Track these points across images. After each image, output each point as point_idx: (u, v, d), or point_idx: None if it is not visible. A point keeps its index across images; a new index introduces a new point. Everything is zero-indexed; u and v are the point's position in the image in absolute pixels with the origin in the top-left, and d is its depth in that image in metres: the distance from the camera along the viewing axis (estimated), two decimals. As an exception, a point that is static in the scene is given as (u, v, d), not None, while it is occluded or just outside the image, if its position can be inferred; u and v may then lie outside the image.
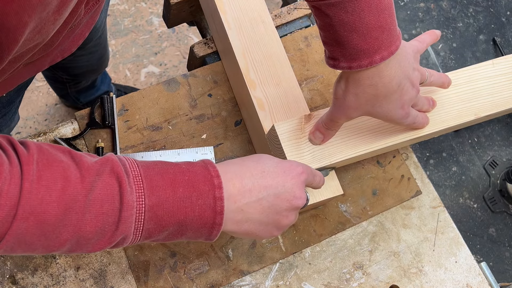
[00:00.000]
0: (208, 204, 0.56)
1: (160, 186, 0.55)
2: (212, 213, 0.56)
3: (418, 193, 0.88)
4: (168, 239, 0.58)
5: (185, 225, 0.56)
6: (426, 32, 0.77)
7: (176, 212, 0.55)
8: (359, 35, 0.61)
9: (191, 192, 0.55)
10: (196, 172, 0.57)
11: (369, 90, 0.65)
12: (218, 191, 0.56)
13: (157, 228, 0.55)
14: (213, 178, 0.57)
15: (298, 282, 0.80)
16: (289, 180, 0.61)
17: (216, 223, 0.57)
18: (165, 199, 0.54)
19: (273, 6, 1.96)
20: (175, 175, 0.56)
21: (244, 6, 0.87)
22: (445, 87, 0.78)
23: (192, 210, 0.55)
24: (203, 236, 0.58)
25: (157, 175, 0.55)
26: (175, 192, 0.55)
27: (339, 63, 0.64)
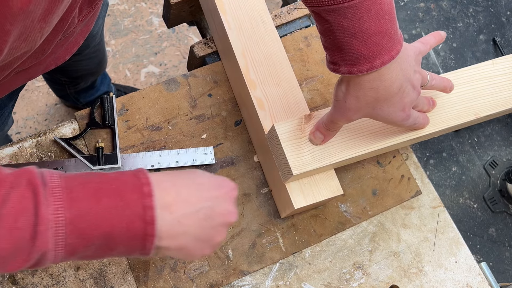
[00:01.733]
0: (137, 214, 0.52)
1: (81, 197, 0.51)
2: (142, 223, 0.52)
3: (418, 193, 0.88)
4: (98, 255, 0.54)
5: (113, 238, 0.52)
6: (431, 33, 0.76)
7: (101, 224, 0.51)
8: (359, 41, 0.61)
9: (117, 201, 0.51)
10: (125, 181, 0.53)
11: (370, 93, 0.65)
12: (148, 199, 0.52)
13: (81, 242, 0.51)
14: (142, 185, 0.53)
15: (298, 282, 0.80)
16: (223, 195, 0.59)
17: (148, 234, 0.52)
18: (87, 211, 0.50)
19: (273, 6, 1.96)
20: (99, 184, 0.52)
21: (244, 6, 0.87)
22: (447, 91, 0.77)
23: (119, 221, 0.51)
24: (137, 250, 0.54)
25: (79, 186, 0.51)
26: (98, 202, 0.51)
27: (339, 67, 0.64)
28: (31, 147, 0.80)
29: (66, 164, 0.79)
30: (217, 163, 0.84)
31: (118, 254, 0.54)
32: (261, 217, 0.82)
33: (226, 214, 0.59)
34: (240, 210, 0.82)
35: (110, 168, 0.79)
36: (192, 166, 0.83)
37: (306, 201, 0.76)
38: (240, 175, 0.84)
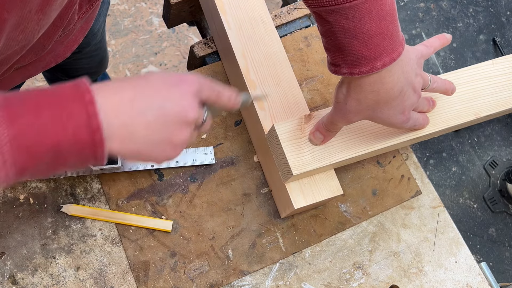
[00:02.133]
0: (81, 123, 0.50)
1: (21, 113, 0.49)
2: (89, 131, 0.50)
3: (418, 193, 0.88)
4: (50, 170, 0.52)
5: (61, 151, 0.50)
6: (436, 36, 0.76)
7: (45, 138, 0.49)
8: (360, 42, 0.61)
9: (60, 113, 0.50)
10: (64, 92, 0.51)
11: (370, 96, 0.65)
12: (91, 106, 0.50)
13: (29, 159, 0.49)
14: (83, 94, 0.51)
15: (298, 282, 0.80)
16: (176, 92, 0.56)
17: (96, 141, 0.51)
18: (29, 126, 0.48)
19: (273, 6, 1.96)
20: (38, 98, 0.50)
21: (244, 6, 0.87)
22: (449, 94, 0.77)
23: (65, 133, 0.50)
24: (89, 159, 0.52)
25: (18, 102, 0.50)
26: (39, 116, 0.49)
27: (340, 69, 0.64)
28: (31, 147, 0.80)
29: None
30: (217, 163, 0.84)
31: (72, 166, 0.53)
32: (261, 217, 0.82)
33: (180, 111, 0.55)
34: (240, 210, 0.82)
35: (110, 168, 0.79)
36: (192, 166, 0.83)
37: (306, 201, 0.76)
38: (240, 175, 0.84)
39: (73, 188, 0.79)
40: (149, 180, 0.81)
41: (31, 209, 0.77)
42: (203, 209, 0.81)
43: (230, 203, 0.82)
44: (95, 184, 0.80)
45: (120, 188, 0.80)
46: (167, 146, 0.56)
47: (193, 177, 0.83)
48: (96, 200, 0.79)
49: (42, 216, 0.77)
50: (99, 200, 0.79)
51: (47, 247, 0.76)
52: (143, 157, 0.56)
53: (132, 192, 0.80)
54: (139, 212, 0.80)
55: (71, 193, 0.79)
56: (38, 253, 0.76)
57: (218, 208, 0.82)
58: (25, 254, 0.75)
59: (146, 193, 0.81)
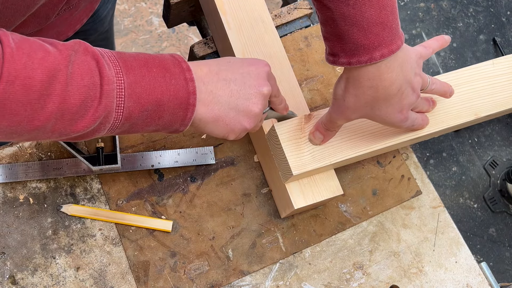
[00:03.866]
0: (181, 85, 0.58)
1: (135, 66, 0.56)
2: (186, 93, 0.58)
3: (418, 193, 0.88)
4: (146, 124, 0.59)
5: (162, 105, 0.57)
6: (434, 38, 0.76)
7: (153, 90, 0.56)
8: (360, 30, 0.61)
9: (164, 72, 0.57)
10: (165, 57, 0.59)
11: (369, 92, 0.65)
12: (188, 73, 0.59)
13: (136, 106, 0.56)
14: (180, 63, 0.59)
15: (298, 282, 0.80)
16: (254, 70, 0.65)
17: (190, 104, 0.59)
18: (142, 77, 0.56)
19: (273, 6, 1.96)
20: (146, 58, 0.58)
21: (244, 6, 0.87)
22: (447, 96, 0.77)
23: (168, 89, 0.57)
24: (178, 120, 0.60)
25: (130, 57, 0.57)
26: (149, 71, 0.57)
27: (338, 58, 0.64)
28: (31, 147, 0.80)
29: (66, 164, 0.79)
30: (217, 163, 0.84)
31: (162, 124, 0.60)
32: (261, 217, 0.82)
33: (257, 85, 0.64)
34: (240, 210, 0.82)
35: (110, 168, 0.79)
36: (192, 166, 0.83)
37: (306, 201, 0.76)
38: (240, 175, 0.84)
39: (73, 188, 0.79)
40: (149, 180, 0.81)
41: (31, 209, 0.77)
42: (203, 209, 0.81)
43: (230, 203, 0.82)
44: (95, 184, 0.80)
45: (120, 188, 0.80)
46: (245, 116, 0.64)
47: (193, 177, 0.83)
48: (96, 200, 0.79)
49: (42, 216, 0.77)
50: (99, 200, 0.79)
51: (47, 247, 0.76)
52: (222, 124, 0.63)
53: (132, 192, 0.80)
54: (139, 212, 0.80)
55: (71, 193, 0.79)
56: (38, 253, 0.76)
57: (218, 208, 0.82)
58: (25, 254, 0.75)
59: (146, 193, 0.81)
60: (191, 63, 0.61)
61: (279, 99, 0.72)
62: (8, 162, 0.79)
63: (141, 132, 0.61)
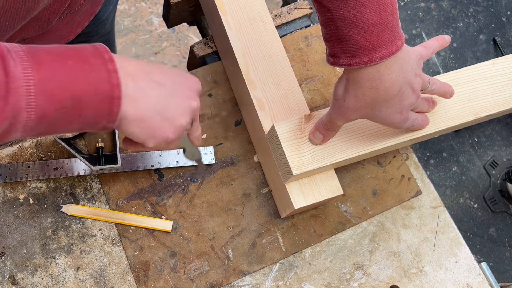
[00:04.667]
0: (102, 77, 0.53)
1: (47, 60, 0.52)
2: (109, 85, 0.53)
3: (418, 193, 0.88)
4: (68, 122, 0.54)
5: (81, 101, 0.53)
6: (435, 38, 0.76)
7: (69, 84, 0.52)
8: (360, 31, 0.61)
9: (82, 64, 0.53)
10: (85, 48, 0.54)
11: (369, 93, 0.65)
12: (111, 63, 0.54)
13: (50, 104, 0.51)
14: (102, 53, 0.54)
15: (298, 282, 0.80)
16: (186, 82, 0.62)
17: (115, 97, 0.54)
18: (54, 72, 0.51)
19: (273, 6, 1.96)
20: (62, 51, 0.53)
21: (244, 6, 0.87)
22: (447, 97, 0.77)
23: (87, 83, 0.52)
24: (103, 115, 0.55)
25: (42, 51, 0.52)
26: (64, 64, 0.52)
27: (339, 59, 0.64)
28: (31, 147, 0.80)
29: (66, 164, 0.79)
30: (217, 163, 0.84)
31: (86, 121, 0.55)
32: (261, 217, 0.82)
33: (188, 97, 0.61)
34: (240, 210, 0.82)
35: (110, 168, 0.79)
36: (192, 166, 0.83)
37: (306, 201, 0.76)
38: (240, 175, 0.84)
39: (73, 188, 0.79)
40: (149, 180, 0.81)
41: (31, 209, 0.77)
42: (203, 209, 0.81)
43: (230, 203, 0.82)
44: (95, 184, 0.80)
45: (120, 188, 0.80)
46: (170, 125, 0.60)
47: (193, 177, 0.83)
48: (96, 200, 0.79)
49: (42, 216, 0.77)
50: (99, 200, 0.79)
51: (47, 247, 0.76)
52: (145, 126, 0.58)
53: (132, 192, 0.80)
54: (139, 212, 0.80)
55: (71, 193, 0.79)
56: (38, 253, 0.76)
57: (218, 208, 0.82)
58: (25, 254, 0.75)
59: (146, 193, 0.81)
60: (119, 56, 0.57)
61: (196, 124, 0.67)
62: (8, 162, 0.79)
63: (64, 132, 0.57)
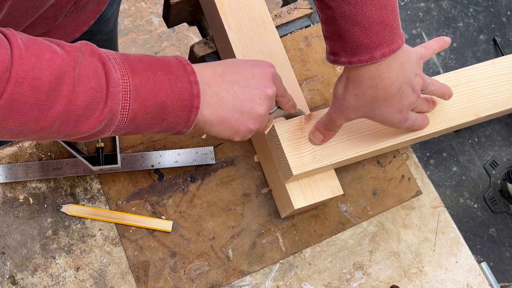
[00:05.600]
0: (185, 87, 0.58)
1: (140, 68, 0.56)
2: (190, 95, 0.58)
3: (419, 193, 0.88)
4: (150, 126, 0.59)
5: (166, 108, 0.58)
6: (435, 39, 0.76)
7: (158, 92, 0.57)
8: (361, 29, 0.61)
9: (169, 75, 0.58)
10: (169, 60, 0.60)
11: (369, 92, 0.65)
12: (193, 76, 0.59)
13: (141, 108, 0.56)
14: (185, 65, 0.59)
15: (298, 282, 0.80)
16: (258, 71, 0.65)
17: (194, 106, 0.59)
18: (147, 80, 0.56)
19: (273, 6, 1.96)
20: (151, 61, 0.58)
21: (244, 6, 0.87)
22: (446, 98, 0.77)
23: (172, 92, 0.57)
24: (181, 121, 0.60)
25: (136, 59, 0.57)
26: (155, 74, 0.57)
27: (339, 58, 0.64)
28: (30, 147, 0.80)
29: (66, 164, 0.79)
30: (217, 163, 0.84)
31: (166, 126, 0.60)
32: (261, 217, 0.82)
33: (261, 86, 0.64)
34: (240, 210, 0.82)
35: (110, 168, 0.79)
36: (192, 166, 0.83)
37: (306, 201, 0.76)
38: (240, 175, 0.84)
39: (73, 188, 0.79)
40: (149, 180, 0.81)
41: (30, 209, 0.77)
42: (203, 209, 0.81)
43: (230, 203, 0.82)
44: (95, 184, 0.80)
45: (120, 188, 0.80)
46: (249, 117, 0.64)
47: (193, 177, 0.83)
48: (96, 200, 0.79)
49: (42, 216, 0.77)
50: (99, 200, 0.79)
51: (47, 247, 0.76)
52: (227, 125, 0.64)
53: (132, 192, 0.80)
54: (139, 212, 0.80)
55: (71, 193, 0.79)
56: (38, 253, 0.76)
57: (218, 208, 0.82)
58: (25, 254, 0.75)
59: (146, 193, 0.81)
60: (195, 65, 0.61)
61: (286, 98, 0.71)
62: (8, 162, 0.79)
63: (144, 133, 0.61)
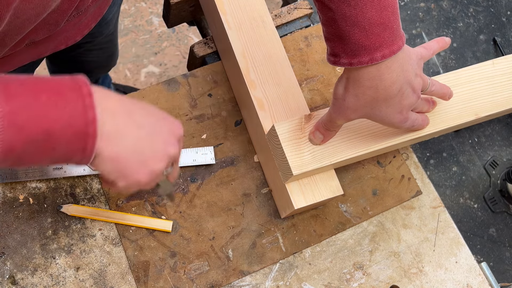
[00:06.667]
0: (78, 112, 0.51)
1: (19, 92, 0.49)
2: (83, 121, 0.51)
3: (419, 193, 0.88)
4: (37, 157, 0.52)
5: (54, 135, 0.50)
6: (435, 39, 0.76)
7: (41, 118, 0.49)
8: (361, 30, 0.61)
9: (57, 98, 0.50)
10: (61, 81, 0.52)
11: (369, 92, 0.65)
12: (88, 98, 0.51)
13: (19, 137, 0.49)
14: (81, 87, 0.52)
15: (298, 282, 0.80)
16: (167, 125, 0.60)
17: (89, 134, 0.52)
18: (25, 105, 0.49)
19: (273, 6, 1.96)
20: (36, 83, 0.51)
21: (244, 6, 0.87)
22: (446, 99, 0.77)
23: (60, 117, 0.50)
24: (78, 151, 0.53)
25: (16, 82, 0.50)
26: (37, 98, 0.50)
27: (340, 59, 0.64)
28: (31, 147, 0.80)
29: (66, 164, 0.79)
30: (217, 163, 0.84)
31: (59, 156, 0.53)
32: (261, 217, 0.82)
33: (166, 142, 0.59)
34: (240, 210, 0.82)
35: (110, 168, 0.79)
36: (192, 166, 0.83)
37: (306, 201, 0.76)
38: (240, 175, 0.84)
39: (73, 188, 0.79)
40: (149, 180, 0.81)
41: (30, 209, 0.77)
42: (203, 209, 0.81)
43: (230, 203, 0.82)
44: (95, 184, 0.80)
45: (120, 188, 0.80)
46: (144, 166, 0.58)
47: (193, 177, 0.83)
48: (96, 200, 0.79)
49: (41, 216, 0.77)
50: (99, 200, 0.79)
51: (47, 247, 0.76)
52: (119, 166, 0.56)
53: (132, 192, 0.80)
54: (139, 212, 0.80)
55: (71, 193, 0.79)
56: (38, 253, 0.76)
57: (218, 208, 0.82)
58: (25, 254, 0.75)
59: (146, 193, 0.81)
60: (101, 90, 0.54)
61: (176, 166, 0.66)
62: (8, 162, 0.79)
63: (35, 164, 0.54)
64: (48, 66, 1.46)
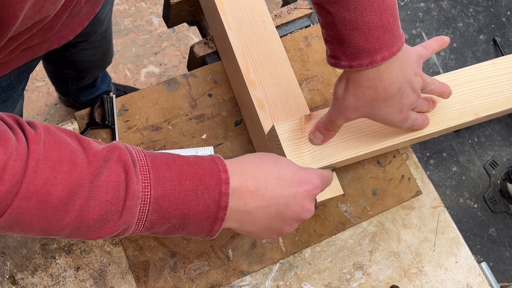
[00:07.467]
0: (213, 198, 0.55)
1: (167, 177, 0.54)
2: (216, 207, 0.55)
3: (418, 193, 0.88)
4: (168, 232, 0.57)
5: (188, 219, 0.55)
6: (434, 38, 0.76)
7: (181, 205, 0.54)
8: (361, 34, 0.61)
9: (197, 185, 0.54)
10: (204, 166, 0.56)
11: (368, 92, 0.65)
12: (225, 186, 0.56)
13: (160, 220, 0.54)
14: (220, 172, 0.56)
15: (298, 282, 0.80)
16: (302, 192, 0.61)
17: (218, 218, 0.56)
18: (171, 191, 0.53)
19: (273, 6, 1.96)
20: (182, 167, 0.55)
21: (244, 6, 0.87)
22: (445, 97, 0.77)
23: (197, 204, 0.54)
24: (204, 231, 0.57)
25: (164, 166, 0.54)
26: (181, 184, 0.54)
27: (340, 61, 0.64)
28: (31, 147, 0.80)
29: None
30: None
31: (186, 233, 0.57)
32: (261, 217, 0.82)
33: (300, 211, 0.61)
34: (240, 210, 0.82)
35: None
36: (192, 166, 0.83)
37: (306, 201, 0.76)
38: (240, 175, 0.84)
39: (73, 188, 0.79)
40: (149, 180, 0.81)
41: (31, 209, 0.77)
42: (203, 209, 0.81)
43: (230, 203, 0.82)
44: (95, 184, 0.80)
45: (120, 188, 0.80)
46: (275, 233, 0.63)
47: (193, 177, 0.83)
48: (96, 200, 0.79)
49: (42, 216, 0.77)
50: (99, 200, 0.79)
51: (47, 247, 0.76)
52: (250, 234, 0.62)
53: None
54: (139, 212, 0.79)
55: (71, 193, 0.79)
56: (38, 253, 0.76)
57: (218, 208, 0.82)
58: (25, 254, 0.75)
59: (146, 193, 0.81)
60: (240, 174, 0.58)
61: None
62: (8, 162, 0.79)
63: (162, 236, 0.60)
64: (44, 66, 1.46)
